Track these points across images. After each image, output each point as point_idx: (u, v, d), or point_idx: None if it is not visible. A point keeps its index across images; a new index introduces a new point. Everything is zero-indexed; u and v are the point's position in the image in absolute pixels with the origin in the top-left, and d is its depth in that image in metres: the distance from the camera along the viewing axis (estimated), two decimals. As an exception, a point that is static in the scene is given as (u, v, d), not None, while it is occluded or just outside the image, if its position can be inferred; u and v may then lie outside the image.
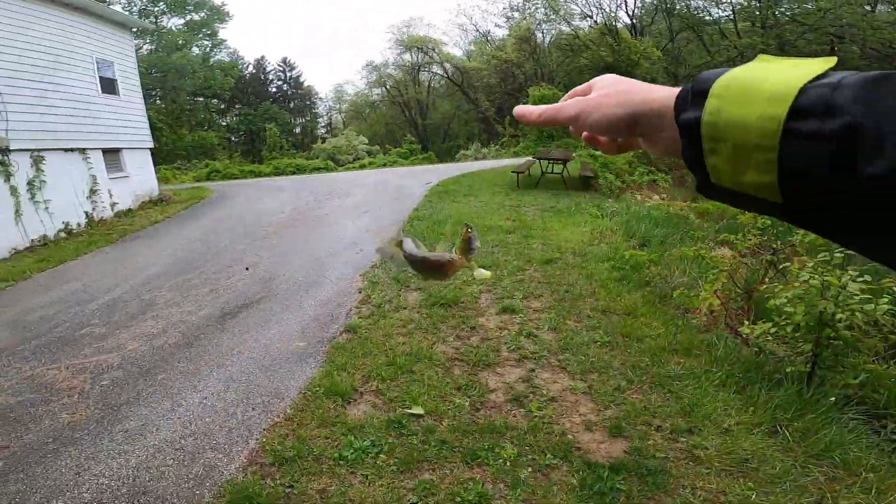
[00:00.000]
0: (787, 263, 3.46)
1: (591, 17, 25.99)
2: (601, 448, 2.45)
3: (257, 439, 2.66)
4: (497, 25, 45.72)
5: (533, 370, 3.19)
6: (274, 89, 39.07)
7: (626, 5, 26.60)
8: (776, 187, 0.32)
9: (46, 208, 8.30)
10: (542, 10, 27.36)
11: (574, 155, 12.02)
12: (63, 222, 8.65)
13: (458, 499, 2.16)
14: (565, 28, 27.22)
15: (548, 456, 2.38)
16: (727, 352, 3.22)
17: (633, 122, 0.42)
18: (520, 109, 0.52)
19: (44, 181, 8.29)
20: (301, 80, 39.75)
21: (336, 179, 14.53)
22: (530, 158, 12.60)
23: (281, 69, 39.04)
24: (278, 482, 2.32)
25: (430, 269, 0.69)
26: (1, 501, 2.32)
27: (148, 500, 2.29)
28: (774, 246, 3.87)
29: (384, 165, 20.67)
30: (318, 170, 21.37)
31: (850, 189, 0.28)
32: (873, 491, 2.06)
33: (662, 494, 2.13)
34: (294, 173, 20.26)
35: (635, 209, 7.65)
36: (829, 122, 0.29)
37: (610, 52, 22.63)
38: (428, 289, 4.45)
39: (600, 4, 25.95)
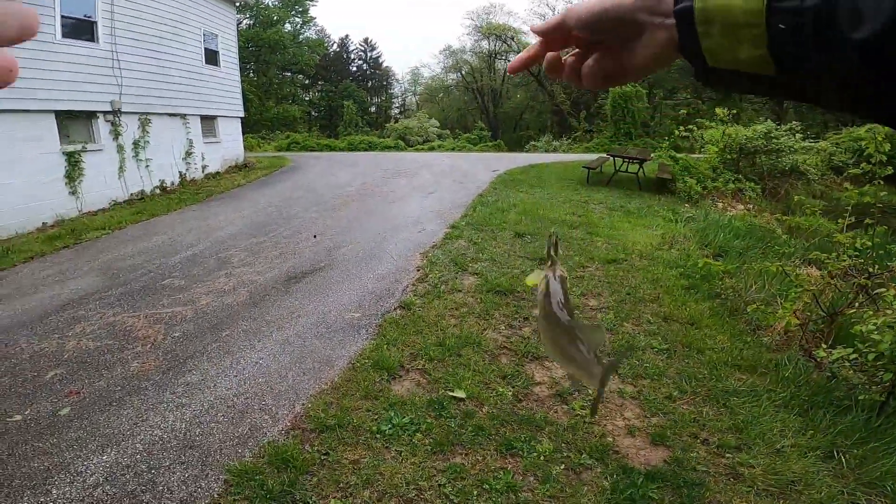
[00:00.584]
0: (882, 289, 3.14)
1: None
2: (640, 454, 2.37)
3: (303, 404, 2.76)
4: (581, 17, 43.63)
5: (582, 369, 3.12)
6: (354, 68, 40.19)
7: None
8: (768, 58, 0.36)
9: (147, 166, 9.12)
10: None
11: (652, 156, 11.43)
12: (160, 180, 9.46)
13: (487, 486, 2.16)
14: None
15: (583, 455, 2.33)
16: (796, 373, 3.02)
17: (620, 20, 0.42)
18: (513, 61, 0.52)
19: (147, 142, 9.09)
20: (380, 60, 40.62)
21: (405, 159, 14.78)
22: (603, 155, 12.13)
23: (362, 49, 40.03)
24: (315, 448, 2.40)
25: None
26: (59, 447, 2.46)
27: (193, 455, 2.40)
28: (870, 270, 3.48)
29: (453, 149, 20.73)
30: (388, 148, 21.83)
31: (836, 55, 0.32)
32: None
33: None
34: (366, 150, 20.83)
35: (714, 217, 7.15)
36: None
37: None
38: (485, 274, 4.45)
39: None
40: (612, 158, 10.53)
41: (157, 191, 9.35)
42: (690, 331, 3.65)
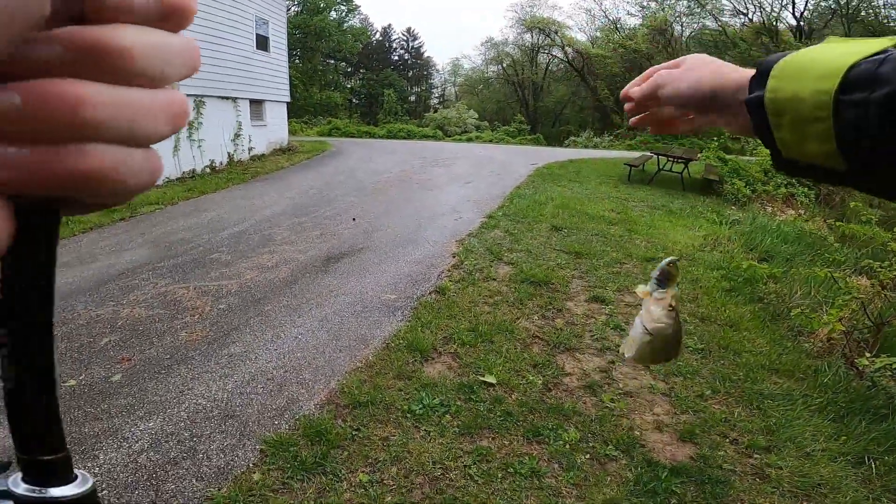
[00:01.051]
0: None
1: (746, 15, 23.28)
2: (667, 450, 2.37)
3: (338, 380, 2.85)
4: (630, 14, 42.38)
5: (613, 362, 3.11)
6: (396, 57, 40.36)
7: (794, 6, 23.34)
8: (837, 154, 0.35)
9: (199, 146, 9.52)
10: (685, 2, 25.01)
11: (699, 156, 11.05)
12: (209, 160, 9.87)
13: (511, 469, 2.20)
14: (710, 23, 24.72)
15: (609, 447, 2.35)
16: (836, 380, 2.95)
17: (712, 98, 0.45)
18: (625, 90, 0.58)
19: (200, 123, 9.50)
20: (422, 50, 40.64)
21: (443, 148, 14.83)
22: (647, 153, 11.81)
23: (404, 38, 40.15)
24: (348, 424, 2.48)
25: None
26: (109, 413, 2.56)
27: (232, 425, 2.50)
28: (928, 281, 3.32)
29: (490, 141, 20.60)
30: (426, 137, 21.89)
31: None
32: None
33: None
34: (405, 138, 20.97)
35: (762, 221, 6.89)
36: (874, 91, 0.32)
37: (764, 52, 20.13)
38: (520, 264, 4.47)
39: (760, 4, 23.08)
40: (655, 157, 10.24)
41: (207, 170, 9.77)
42: (728, 332, 3.58)
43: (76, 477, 0.27)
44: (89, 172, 0.15)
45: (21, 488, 0.25)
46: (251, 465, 2.21)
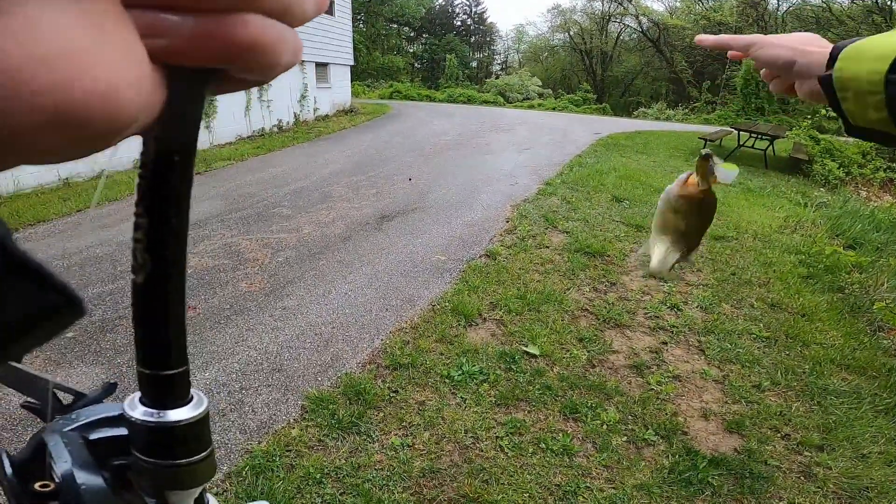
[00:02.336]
0: None
1: (855, -8, 20.46)
2: (710, 439, 2.25)
3: (382, 340, 2.89)
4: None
5: (665, 343, 2.96)
6: (458, 22, 39.28)
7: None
8: (889, 121, 0.44)
9: (268, 107, 10.01)
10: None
11: (787, 133, 10.03)
12: (277, 119, 10.35)
13: (543, 445, 2.16)
14: (814, -1, 21.93)
15: (649, 431, 2.25)
16: None
17: (791, 64, 0.56)
18: (700, 36, 0.67)
19: (270, 85, 9.85)
20: (485, 16, 39.32)
21: (503, 114, 14.44)
22: (726, 128, 10.87)
23: (467, 4, 38.91)
24: (387, 384, 2.51)
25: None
26: None
27: (279, 378, 2.58)
28: None
29: (553, 109, 19.78)
30: (487, 103, 21.39)
31: None
32: None
33: (752, 500, 1.92)
34: (465, 103, 20.60)
35: (854, 205, 6.21)
36: None
37: (874, 31, 17.64)
38: (576, 233, 4.31)
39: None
40: (736, 132, 9.40)
41: (275, 129, 10.27)
42: (799, 322, 3.31)
43: (192, 397, 0.25)
44: (250, 43, 0.15)
45: (138, 412, 0.23)
46: (292, 420, 2.28)
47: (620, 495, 1.91)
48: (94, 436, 0.26)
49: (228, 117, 8.87)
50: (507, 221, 4.66)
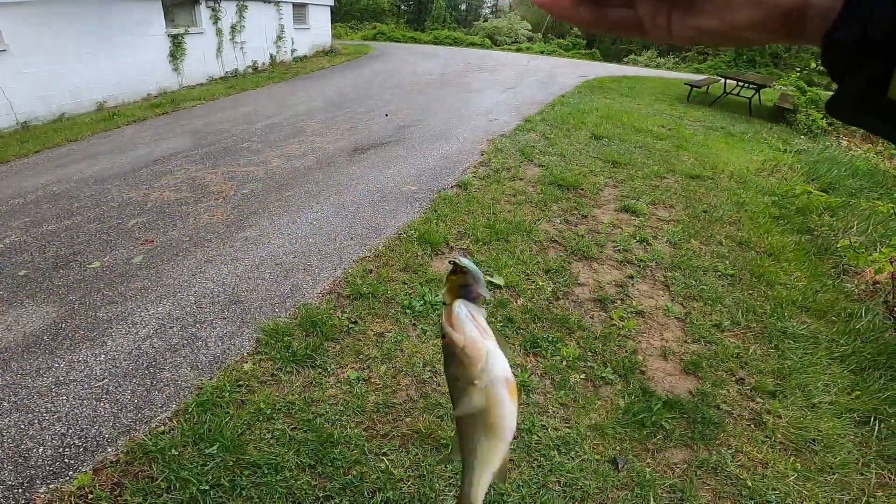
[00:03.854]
0: None
1: None
2: (666, 380, 2.24)
3: (344, 269, 2.82)
4: None
5: (632, 277, 2.95)
6: (450, -41, 37.03)
7: None
8: None
9: (242, 48, 9.64)
10: None
11: (774, 84, 9.88)
12: (252, 60, 10.00)
13: None
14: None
15: (607, 369, 2.24)
16: (869, 328, 2.66)
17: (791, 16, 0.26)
18: None
19: (243, 26, 9.55)
20: (479, -49, 37.05)
21: (489, 56, 13.90)
22: (714, 76, 10.64)
23: (462, -65, 36.46)
24: (346, 315, 2.45)
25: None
26: (125, 297, 2.59)
27: (235, 311, 2.51)
28: None
29: (542, 53, 19.12)
30: (474, 45, 20.57)
31: None
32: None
33: (701, 446, 1.92)
34: (450, 45, 19.77)
35: (832, 152, 6.19)
36: None
37: None
38: (551, 167, 4.21)
39: None
40: (723, 80, 9.22)
41: (250, 70, 9.93)
42: (765, 261, 3.32)
43: None
44: None
45: None
46: (245, 353, 2.22)
47: (574, 435, 1.90)
48: None
49: (198, 59, 8.54)
50: (482, 154, 4.54)
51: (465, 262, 0.46)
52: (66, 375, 2.10)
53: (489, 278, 2.79)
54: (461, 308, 0.49)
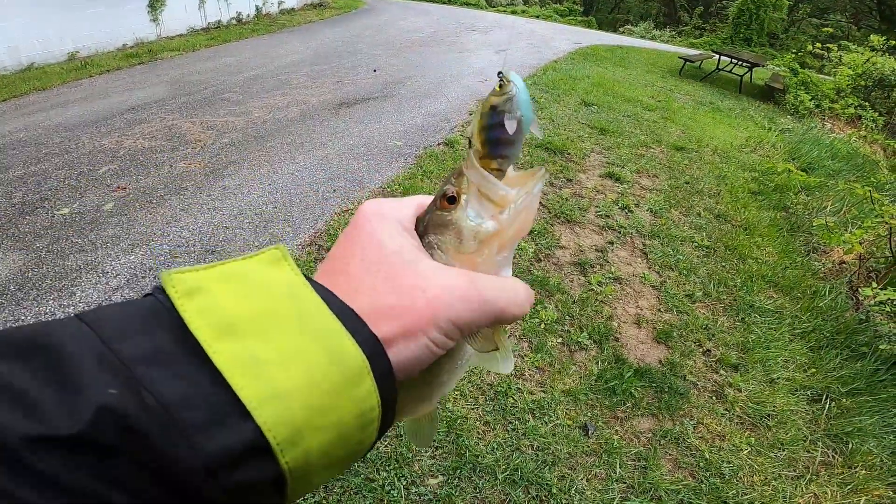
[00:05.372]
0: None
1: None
2: (639, 348, 2.30)
3: (326, 221, 2.77)
4: None
5: (612, 243, 3.00)
6: None
7: None
8: None
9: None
10: None
11: (767, 64, 9.89)
12: (237, 11, 9.45)
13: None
14: None
15: (583, 334, 2.27)
16: (831, 306, 2.77)
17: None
18: None
19: None
20: None
21: (483, 16, 13.51)
22: (708, 52, 10.56)
23: None
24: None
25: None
26: (94, 245, 2.49)
27: (211, 261, 2.45)
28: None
29: (537, 17, 18.65)
30: (467, 4, 19.93)
31: None
32: (848, 488, 1.83)
33: (666, 416, 2.00)
34: (443, 3, 19.12)
35: (816, 134, 6.28)
36: None
37: None
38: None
39: None
40: (717, 56, 9.18)
41: (234, 21, 9.43)
42: (740, 235, 3.41)
43: None
44: None
45: None
46: None
47: (549, 400, 1.93)
48: None
49: (179, 9, 8.04)
50: (471, 114, 4.46)
51: (516, 78, 0.28)
52: (31, 331, 2.03)
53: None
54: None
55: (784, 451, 1.94)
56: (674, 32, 20.48)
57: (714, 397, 2.13)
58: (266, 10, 10.35)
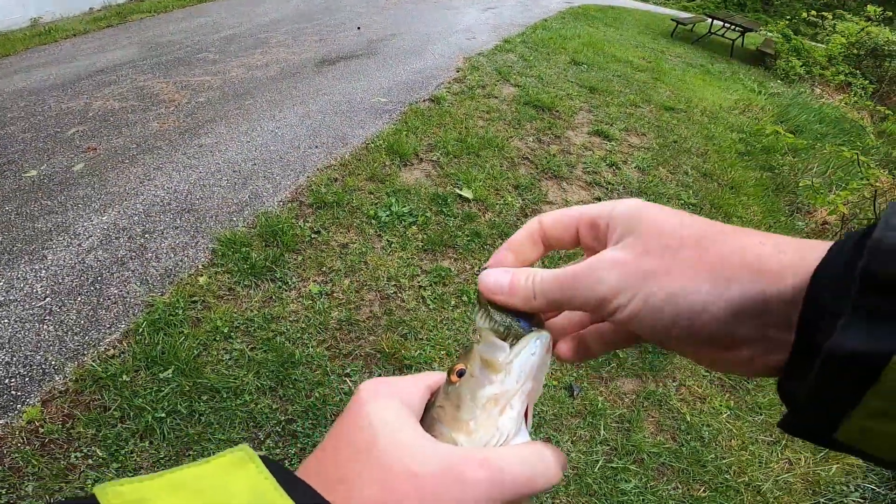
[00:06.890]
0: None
1: None
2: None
3: (308, 177, 2.68)
4: None
5: (599, 199, 2.98)
6: None
7: None
8: None
9: None
10: None
11: (760, 29, 9.77)
12: None
13: (466, 297, 2.10)
14: None
15: None
16: None
17: (742, 319, 0.21)
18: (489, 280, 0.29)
19: None
20: None
21: (474, -21, 13.08)
22: (701, 15, 10.37)
23: None
24: (308, 225, 2.33)
25: None
26: (65, 206, 2.39)
27: (188, 219, 2.33)
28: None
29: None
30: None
31: None
32: (820, 455, 1.88)
33: (650, 377, 2.01)
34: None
35: (804, 98, 6.26)
36: None
37: None
38: (528, 87, 4.09)
39: None
40: (709, 20, 9.03)
41: None
42: (726, 193, 3.41)
43: None
44: None
45: None
46: (200, 266, 2.07)
47: None
48: None
49: None
50: (458, 71, 4.34)
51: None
52: (5, 295, 1.90)
53: (458, 190, 2.76)
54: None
55: (761, 415, 1.97)
56: (667, -4, 20.03)
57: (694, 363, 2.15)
58: (244, -34, 9.88)
